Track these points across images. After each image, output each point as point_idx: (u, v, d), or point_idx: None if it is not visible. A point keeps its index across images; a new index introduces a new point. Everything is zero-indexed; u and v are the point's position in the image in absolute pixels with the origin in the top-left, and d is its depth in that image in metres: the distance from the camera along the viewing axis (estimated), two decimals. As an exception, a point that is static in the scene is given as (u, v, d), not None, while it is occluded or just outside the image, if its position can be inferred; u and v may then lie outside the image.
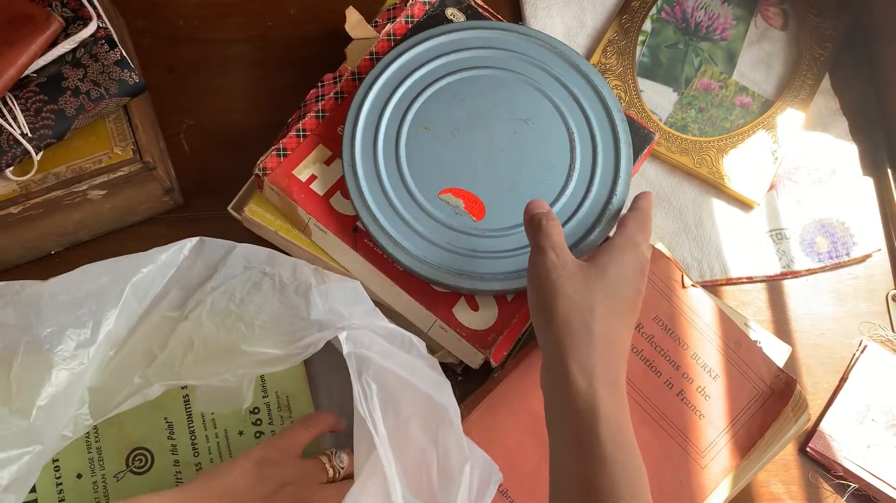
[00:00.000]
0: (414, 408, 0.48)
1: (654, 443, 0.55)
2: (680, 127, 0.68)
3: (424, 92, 0.58)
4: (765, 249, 0.65)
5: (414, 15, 0.61)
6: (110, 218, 0.61)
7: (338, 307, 0.49)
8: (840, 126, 0.69)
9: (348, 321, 0.49)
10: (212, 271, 0.52)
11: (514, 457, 0.55)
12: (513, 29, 0.60)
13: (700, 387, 0.57)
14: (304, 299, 0.50)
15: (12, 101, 0.53)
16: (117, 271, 0.50)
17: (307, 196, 0.55)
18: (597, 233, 0.55)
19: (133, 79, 0.55)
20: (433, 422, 0.48)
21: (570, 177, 0.57)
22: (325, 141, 0.57)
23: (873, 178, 0.68)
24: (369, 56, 0.60)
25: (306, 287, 0.50)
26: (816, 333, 0.64)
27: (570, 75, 0.59)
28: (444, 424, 0.48)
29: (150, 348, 0.51)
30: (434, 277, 0.53)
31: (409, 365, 0.49)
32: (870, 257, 0.66)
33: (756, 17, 0.72)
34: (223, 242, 0.52)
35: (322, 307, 0.49)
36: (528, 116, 0.58)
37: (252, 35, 0.70)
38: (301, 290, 0.50)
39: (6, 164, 0.53)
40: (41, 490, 0.53)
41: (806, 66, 0.70)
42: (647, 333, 0.58)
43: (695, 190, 0.67)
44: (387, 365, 0.48)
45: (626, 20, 0.71)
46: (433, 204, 0.55)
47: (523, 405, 0.56)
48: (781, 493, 0.59)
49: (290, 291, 0.51)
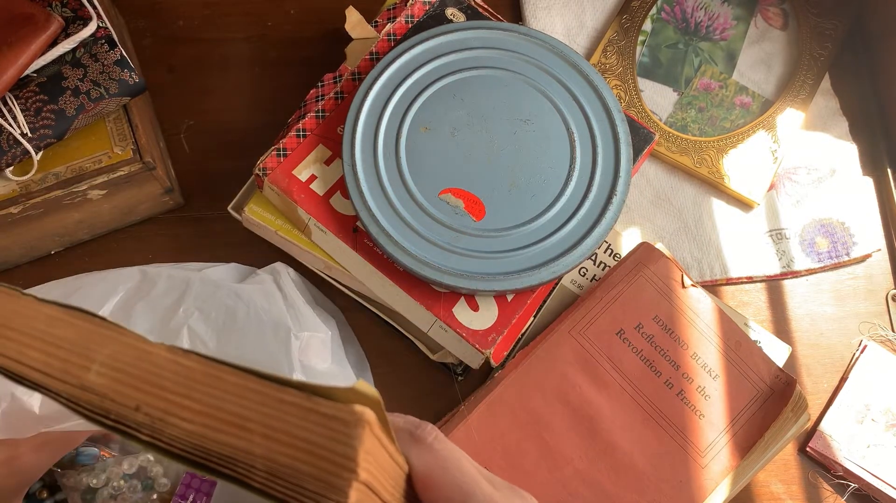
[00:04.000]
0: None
1: (654, 443, 0.55)
2: (680, 127, 0.68)
3: (424, 92, 0.58)
4: (765, 249, 0.65)
5: (414, 15, 0.61)
6: (110, 218, 0.61)
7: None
8: (840, 126, 0.69)
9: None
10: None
11: (514, 457, 0.55)
12: (513, 29, 0.60)
13: (700, 387, 0.57)
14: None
15: (12, 101, 0.53)
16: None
17: (307, 196, 0.55)
18: (597, 233, 0.55)
19: (133, 79, 0.55)
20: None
21: (570, 177, 0.57)
22: (325, 141, 0.57)
23: (873, 178, 0.68)
24: (369, 56, 0.60)
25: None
26: (816, 333, 0.64)
27: (570, 75, 0.59)
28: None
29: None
30: (434, 277, 0.53)
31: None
32: (870, 257, 0.66)
33: (756, 17, 0.72)
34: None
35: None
36: (528, 116, 0.58)
37: (252, 35, 0.70)
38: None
39: (6, 164, 0.53)
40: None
41: (806, 66, 0.70)
42: (647, 333, 0.58)
43: (695, 190, 0.67)
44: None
45: (626, 20, 0.71)
46: (433, 204, 0.55)
47: (523, 405, 0.56)
48: (781, 493, 0.59)
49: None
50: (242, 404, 0.23)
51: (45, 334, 0.26)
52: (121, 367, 0.25)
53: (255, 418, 0.22)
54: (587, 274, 0.62)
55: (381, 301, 0.57)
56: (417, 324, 0.56)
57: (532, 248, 0.54)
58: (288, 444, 0.22)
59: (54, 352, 0.26)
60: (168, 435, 0.24)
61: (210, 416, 0.23)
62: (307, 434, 0.22)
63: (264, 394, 0.23)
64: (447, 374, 0.59)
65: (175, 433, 0.24)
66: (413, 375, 0.60)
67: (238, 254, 0.62)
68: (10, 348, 0.26)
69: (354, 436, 0.21)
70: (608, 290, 0.59)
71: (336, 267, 0.57)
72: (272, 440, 0.22)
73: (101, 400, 0.25)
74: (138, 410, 0.24)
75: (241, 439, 0.23)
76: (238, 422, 0.23)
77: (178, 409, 0.23)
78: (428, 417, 0.58)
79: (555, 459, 0.55)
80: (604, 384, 0.57)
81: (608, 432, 0.56)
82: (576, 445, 0.55)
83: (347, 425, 0.21)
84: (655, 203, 0.66)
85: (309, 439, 0.22)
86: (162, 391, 0.24)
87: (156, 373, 0.24)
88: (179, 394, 0.24)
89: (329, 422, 0.22)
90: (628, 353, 0.58)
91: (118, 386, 0.24)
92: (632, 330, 0.58)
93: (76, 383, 0.25)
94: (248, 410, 0.23)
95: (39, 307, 0.26)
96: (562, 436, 0.55)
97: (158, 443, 0.24)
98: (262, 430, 0.22)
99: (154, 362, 0.24)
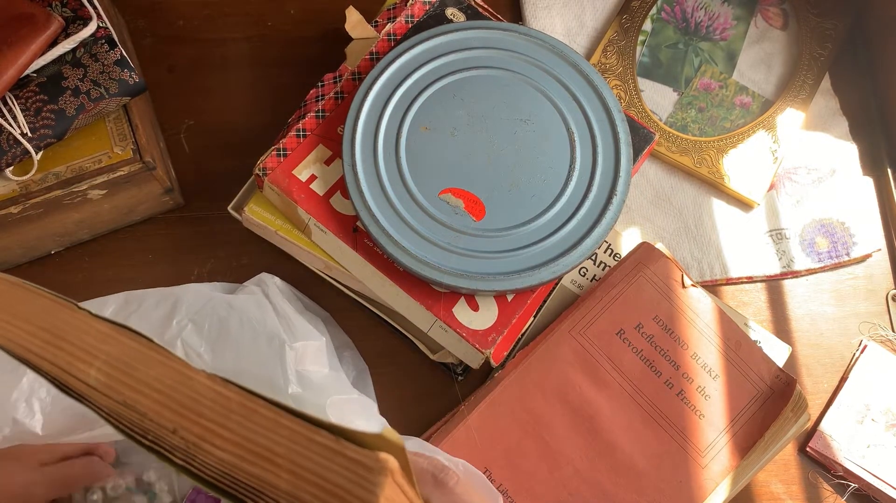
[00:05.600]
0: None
1: (654, 443, 0.55)
2: (680, 127, 0.68)
3: (424, 92, 0.58)
4: (765, 249, 0.65)
5: (414, 15, 0.61)
6: (110, 218, 0.61)
7: None
8: (840, 126, 0.69)
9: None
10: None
11: (514, 457, 0.55)
12: (513, 29, 0.60)
13: (700, 387, 0.57)
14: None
15: (12, 101, 0.53)
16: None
17: (307, 196, 0.55)
18: (597, 233, 0.55)
19: (133, 79, 0.55)
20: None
21: (570, 177, 0.57)
22: (325, 141, 0.57)
23: (873, 178, 0.68)
24: (369, 56, 0.60)
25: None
26: (816, 333, 0.64)
27: (570, 75, 0.59)
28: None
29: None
30: (434, 277, 0.53)
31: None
32: (870, 257, 0.66)
33: (756, 17, 0.72)
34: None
35: None
36: (528, 116, 0.58)
37: (252, 35, 0.70)
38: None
39: (6, 163, 0.53)
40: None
41: (806, 66, 0.70)
42: (647, 333, 0.58)
43: (695, 190, 0.67)
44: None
45: (626, 20, 0.71)
46: (433, 204, 0.55)
47: (523, 405, 0.56)
48: (781, 493, 0.59)
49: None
50: (274, 439, 0.24)
51: (95, 349, 0.27)
52: (162, 390, 0.26)
53: (284, 454, 0.23)
54: (587, 274, 0.62)
55: (381, 301, 0.57)
56: (417, 324, 0.56)
57: (532, 247, 0.54)
58: (312, 483, 0.23)
59: (102, 368, 0.27)
60: (200, 460, 0.25)
61: (242, 447, 0.24)
62: (332, 475, 0.23)
63: (296, 432, 0.23)
64: (447, 374, 0.59)
65: (207, 459, 0.24)
66: (413, 375, 0.60)
67: (238, 254, 0.62)
68: (61, 359, 0.27)
69: (376, 483, 0.22)
70: (608, 290, 0.59)
71: (336, 267, 0.57)
72: (298, 477, 0.23)
73: (141, 419, 0.26)
74: (175, 433, 0.25)
75: (268, 472, 0.23)
76: (268, 456, 0.24)
77: (213, 437, 0.24)
78: (428, 417, 0.58)
79: (555, 459, 0.55)
80: (604, 384, 0.57)
81: (608, 432, 0.56)
82: (576, 445, 0.55)
83: (371, 472, 0.22)
84: (655, 203, 0.66)
85: (333, 481, 0.23)
86: (199, 417, 0.25)
87: (195, 398, 0.25)
88: (215, 422, 0.24)
89: (354, 466, 0.22)
90: (628, 353, 0.58)
91: (159, 407, 0.25)
92: (632, 330, 0.58)
93: (119, 399, 0.26)
94: (278, 445, 0.23)
95: (92, 322, 0.27)
96: (562, 435, 0.55)
97: (191, 467, 0.25)
98: (289, 467, 0.23)
99: (194, 388, 0.25)
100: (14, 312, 0.29)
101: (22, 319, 0.29)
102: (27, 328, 0.28)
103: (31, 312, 0.29)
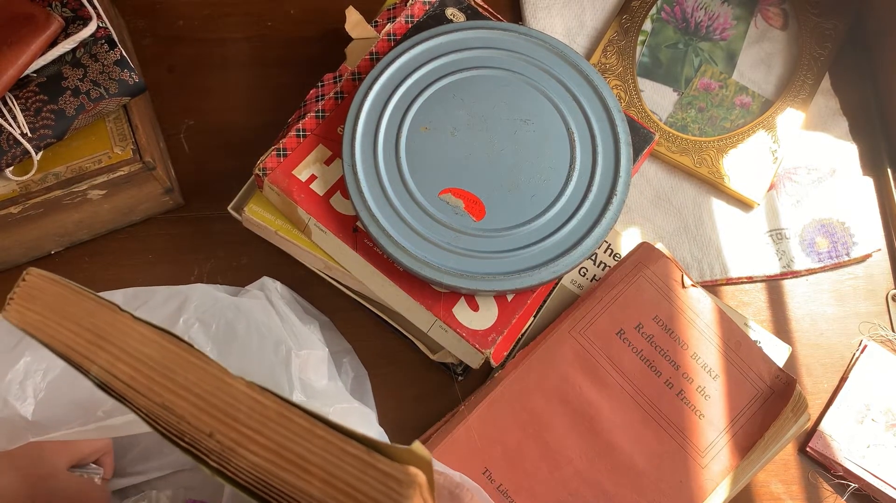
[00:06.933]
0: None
1: (654, 443, 0.55)
2: (680, 127, 0.68)
3: (424, 92, 0.58)
4: (765, 249, 0.65)
5: (414, 15, 0.61)
6: (110, 218, 0.61)
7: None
8: (840, 126, 0.69)
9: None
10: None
11: (514, 457, 0.55)
12: (513, 29, 0.60)
13: (700, 387, 0.57)
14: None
15: (12, 101, 0.53)
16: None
17: (307, 196, 0.55)
18: (597, 233, 0.55)
19: (133, 79, 0.55)
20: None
21: (570, 177, 0.57)
22: (325, 141, 0.57)
23: (873, 178, 0.68)
24: (369, 56, 0.60)
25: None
26: (816, 333, 0.64)
27: (570, 75, 0.59)
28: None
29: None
30: (434, 277, 0.53)
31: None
32: (870, 257, 0.66)
33: (756, 17, 0.72)
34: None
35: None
36: (528, 116, 0.58)
37: (252, 35, 0.70)
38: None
39: (6, 164, 0.53)
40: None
41: (806, 66, 0.70)
42: (647, 333, 0.58)
43: (695, 190, 0.67)
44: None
45: (626, 20, 0.71)
46: (433, 204, 0.55)
47: (523, 405, 0.56)
48: (781, 493, 0.59)
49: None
50: (308, 447, 0.24)
51: (136, 351, 0.28)
52: (201, 394, 0.26)
53: (317, 462, 0.24)
54: (587, 274, 0.62)
55: (382, 301, 0.57)
56: (417, 324, 0.56)
57: (532, 247, 0.54)
58: (344, 493, 0.24)
59: (141, 369, 0.28)
60: (234, 464, 0.25)
61: (276, 454, 0.25)
62: (363, 486, 0.24)
63: (329, 442, 0.24)
64: (447, 374, 0.59)
65: (241, 464, 0.25)
66: (413, 375, 0.60)
67: (238, 254, 0.62)
68: (103, 359, 0.28)
69: (406, 495, 0.23)
70: (608, 290, 0.59)
71: (336, 267, 0.57)
72: (330, 485, 0.24)
73: (178, 421, 0.26)
74: (211, 437, 0.26)
75: (301, 480, 0.24)
76: (301, 464, 0.24)
77: (248, 442, 0.25)
78: (428, 417, 0.58)
79: (555, 459, 0.55)
80: (604, 384, 0.57)
81: (608, 432, 0.56)
82: (576, 445, 0.55)
83: (401, 485, 0.23)
84: (655, 203, 0.66)
85: (364, 491, 0.23)
86: (235, 423, 0.25)
87: (232, 404, 0.26)
88: (251, 429, 0.25)
89: (385, 478, 0.23)
90: (628, 353, 0.58)
91: (196, 411, 0.26)
92: (632, 330, 0.58)
93: (158, 401, 0.27)
94: (312, 454, 0.24)
95: (134, 325, 0.28)
96: (562, 436, 0.55)
97: (225, 471, 0.26)
98: (322, 475, 0.24)
99: (232, 394, 0.26)
100: (62, 313, 0.30)
101: (68, 319, 0.30)
102: (72, 328, 0.29)
103: (76, 313, 0.30)
